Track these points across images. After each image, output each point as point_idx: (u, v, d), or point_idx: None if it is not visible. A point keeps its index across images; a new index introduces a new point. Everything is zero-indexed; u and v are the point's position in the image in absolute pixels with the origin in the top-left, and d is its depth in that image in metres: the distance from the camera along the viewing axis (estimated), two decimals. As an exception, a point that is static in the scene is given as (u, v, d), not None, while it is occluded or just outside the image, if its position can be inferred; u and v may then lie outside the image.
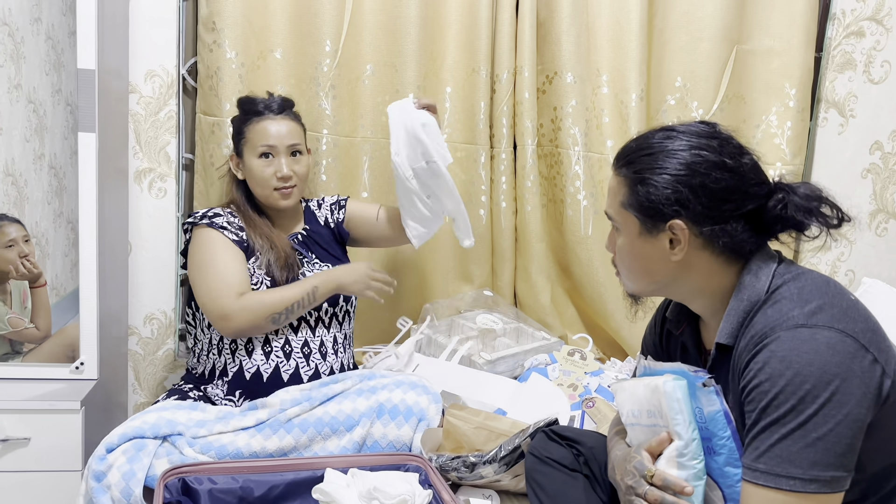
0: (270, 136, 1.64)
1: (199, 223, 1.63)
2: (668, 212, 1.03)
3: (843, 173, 2.24)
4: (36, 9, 1.72)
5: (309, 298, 1.56)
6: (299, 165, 1.67)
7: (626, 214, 1.09)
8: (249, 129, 1.66)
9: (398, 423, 1.51)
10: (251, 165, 1.65)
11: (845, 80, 2.19)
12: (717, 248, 1.05)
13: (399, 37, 1.96)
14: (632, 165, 1.08)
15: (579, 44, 2.03)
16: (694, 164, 1.03)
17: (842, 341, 0.93)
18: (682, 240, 1.04)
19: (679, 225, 1.04)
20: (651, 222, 1.06)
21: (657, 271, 1.09)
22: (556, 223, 2.17)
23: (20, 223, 1.72)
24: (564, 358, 1.88)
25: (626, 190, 1.08)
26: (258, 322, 1.54)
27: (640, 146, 1.08)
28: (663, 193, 1.03)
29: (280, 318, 1.54)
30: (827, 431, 0.90)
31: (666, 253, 1.06)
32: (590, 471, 1.26)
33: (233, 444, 1.43)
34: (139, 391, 2.03)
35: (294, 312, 1.56)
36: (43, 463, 1.56)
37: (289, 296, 1.55)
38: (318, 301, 1.59)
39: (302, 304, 1.56)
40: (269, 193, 1.65)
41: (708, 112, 2.11)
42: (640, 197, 1.05)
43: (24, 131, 1.73)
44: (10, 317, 1.71)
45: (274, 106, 1.67)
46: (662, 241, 1.06)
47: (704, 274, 1.07)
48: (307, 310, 1.59)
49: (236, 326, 1.53)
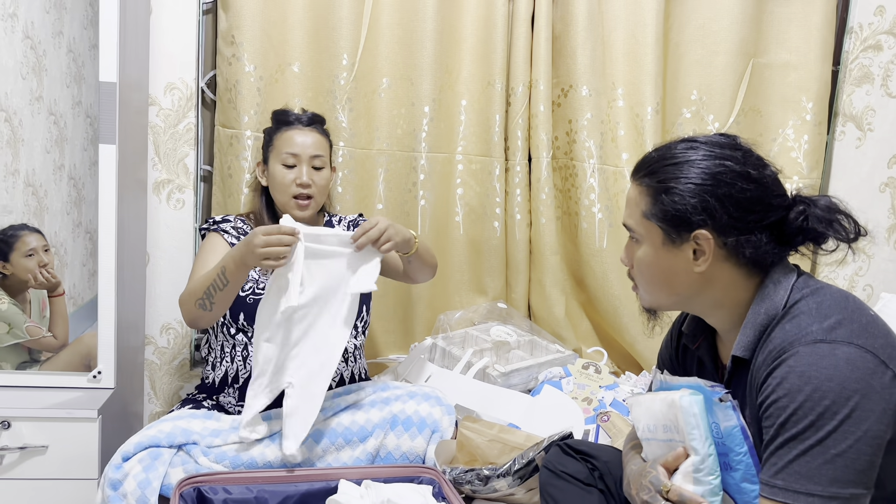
0: (295, 144, 1.68)
1: (210, 228, 1.70)
2: (694, 221, 1.03)
3: (860, 187, 2.22)
4: (58, 22, 1.75)
5: (221, 280, 1.48)
6: (319, 177, 1.69)
7: (649, 225, 1.08)
8: (277, 137, 1.71)
9: (412, 434, 1.51)
10: (274, 171, 1.69)
11: (863, 93, 2.18)
12: (739, 259, 1.04)
13: (415, 50, 1.98)
14: (655, 175, 1.07)
15: (594, 57, 2.03)
16: (719, 175, 1.02)
17: (861, 357, 0.92)
18: (706, 250, 1.04)
19: (704, 235, 1.03)
20: (675, 232, 1.05)
21: (679, 283, 1.08)
22: (570, 236, 2.17)
23: (40, 233, 1.74)
24: (579, 371, 1.87)
25: (648, 200, 1.07)
26: (192, 311, 1.53)
27: (663, 156, 1.08)
28: (689, 202, 1.02)
29: (205, 304, 1.50)
30: (846, 448, 0.89)
31: (689, 264, 1.06)
32: (605, 485, 1.25)
33: (247, 454, 1.43)
34: (155, 400, 2.05)
35: (213, 296, 1.49)
36: (60, 471, 1.57)
37: (203, 280, 1.51)
38: (232, 281, 1.46)
39: (216, 285, 1.48)
40: (287, 200, 1.67)
41: (724, 125, 2.10)
42: (665, 206, 1.04)
43: (45, 142, 1.76)
44: (28, 325, 1.72)
45: (304, 119, 1.73)
46: (686, 252, 1.05)
47: (725, 286, 1.06)
48: (229, 292, 1.49)
49: (188, 321, 1.57)
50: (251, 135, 1.91)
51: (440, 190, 2.09)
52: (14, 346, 1.72)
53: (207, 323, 1.57)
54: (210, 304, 1.50)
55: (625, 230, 1.15)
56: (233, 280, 1.47)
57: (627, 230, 1.14)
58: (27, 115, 1.72)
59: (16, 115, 1.71)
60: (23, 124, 1.72)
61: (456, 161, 2.08)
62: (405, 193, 2.06)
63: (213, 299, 1.50)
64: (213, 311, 1.52)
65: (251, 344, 1.58)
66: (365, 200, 2.04)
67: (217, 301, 1.50)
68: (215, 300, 1.50)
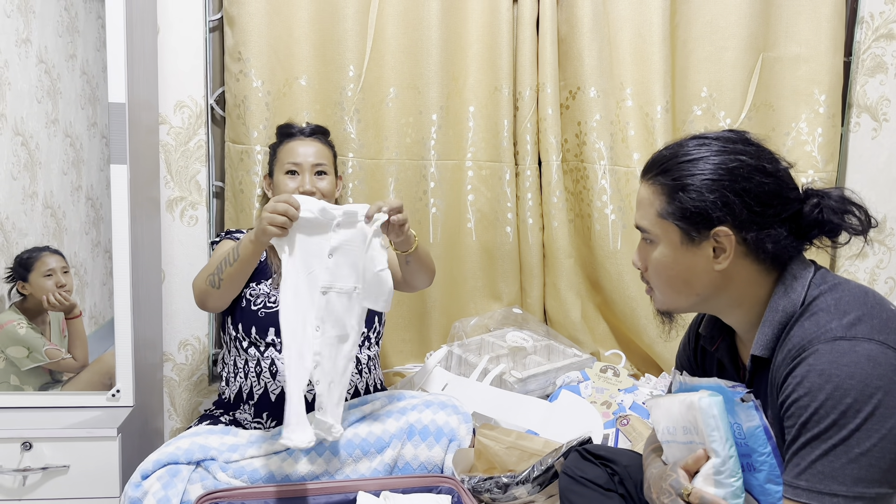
0: (297, 154, 1.71)
1: (222, 237, 1.74)
2: (714, 217, 1.01)
3: (878, 178, 2.19)
4: (71, 45, 1.78)
5: (232, 254, 1.51)
6: (323, 182, 1.71)
7: (665, 225, 1.06)
8: (281, 149, 1.76)
9: (429, 443, 1.50)
10: (278, 182, 1.72)
11: (876, 83, 2.14)
12: (759, 255, 1.03)
13: (421, 59, 1.98)
14: (668, 173, 1.05)
15: (601, 58, 2.02)
16: (735, 169, 1.01)
17: (883, 353, 0.90)
18: (727, 247, 1.02)
19: (725, 231, 1.01)
20: (695, 230, 1.03)
21: (698, 283, 1.06)
22: (584, 238, 2.15)
23: (60, 254, 1.76)
24: (597, 375, 1.85)
25: (663, 199, 1.05)
26: (201, 287, 1.56)
27: (675, 154, 1.06)
28: (708, 199, 1.01)
29: (214, 280, 1.54)
30: (871, 447, 0.87)
31: (709, 262, 1.04)
32: (625, 490, 1.23)
33: (265, 468, 1.43)
34: (175, 417, 2.06)
35: (223, 271, 1.52)
36: (82, 490, 1.58)
37: (216, 258, 1.59)
38: (243, 256, 1.48)
39: (227, 260, 1.52)
40: None
41: (736, 121, 2.08)
42: (683, 204, 1.02)
43: (62, 164, 1.78)
44: (47, 348, 1.74)
45: (306, 130, 1.78)
46: (705, 251, 1.03)
47: (744, 284, 1.05)
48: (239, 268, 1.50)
49: (197, 301, 1.59)
50: (261, 150, 1.92)
51: (451, 197, 2.08)
52: (35, 368, 1.73)
53: (215, 304, 1.57)
54: (219, 281, 1.52)
55: (639, 231, 1.13)
56: (243, 255, 1.48)
57: (641, 232, 1.11)
58: (44, 137, 1.75)
59: (32, 138, 1.74)
60: (39, 147, 1.74)
61: (466, 168, 2.07)
62: (416, 202, 2.06)
63: (221, 275, 1.52)
64: (220, 290, 1.53)
65: (264, 359, 1.59)
66: (376, 210, 2.04)
67: (226, 278, 1.52)
68: (224, 276, 1.52)
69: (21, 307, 1.73)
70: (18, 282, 1.73)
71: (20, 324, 1.72)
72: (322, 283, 1.43)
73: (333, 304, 1.44)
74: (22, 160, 1.73)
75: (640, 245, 1.14)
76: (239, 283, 1.55)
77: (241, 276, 1.53)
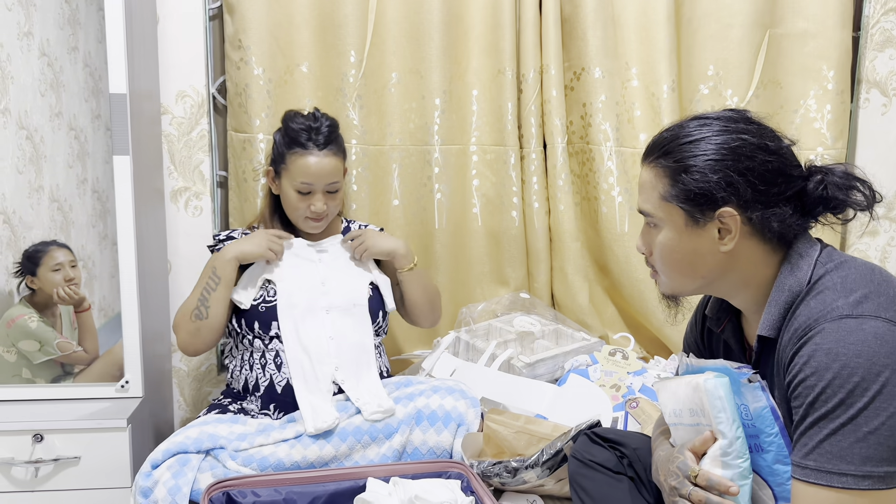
0: (311, 174, 1.60)
1: (214, 248, 1.69)
2: (718, 198, 1.00)
3: (888, 155, 2.15)
4: (73, 38, 1.77)
5: (213, 281, 1.54)
6: (334, 202, 1.68)
7: (669, 207, 1.04)
8: (291, 159, 1.62)
9: (437, 429, 1.50)
10: (287, 193, 1.66)
11: (886, 58, 2.10)
12: (765, 235, 1.02)
13: (423, 43, 1.96)
14: (670, 155, 1.04)
15: (606, 38, 2.00)
16: (738, 148, 1.00)
17: (890, 331, 0.89)
18: (731, 228, 1.01)
19: (729, 212, 1.00)
20: (699, 212, 1.02)
21: (703, 266, 1.05)
22: (591, 221, 2.14)
23: (68, 248, 1.77)
24: (606, 358, 1.85)
25: (666, 181, 1.04)
26: (187, 328, 1.58)
27: (676, 136, 1.05)
28: (712, 179, 0.99)
29: (202, 313, 1.56)
30: (879, 425, 0.86)
31: (714, 244, 1.03)
32: (634, 473, 1.23)
33: (274, 456, 1.44)
34: (184, 407, 2.07)
35: (208, 300, 1.56)
36: (93, 481, 1.60)
37: (196, 291, 1.60)
38: (225, 276, 1.55)
39: (209, 287, 1.55)
40: (299, 219, 1.67)
41: (743, 100, 2.05)
42: (687, 185, 1.01)
43: (67, 157, 1.78)
44: (59, 341, 1.75)
45: (320, 139, 1.62)
46: (710, 232, 1.02)
47: (750, 264, 1.04)
48: (223, 291, 1.56)
49: (182, 347, 1.62)
50: (263, 138, 1.92)
51: (456, 182, 2.07)
52: (47, 361, 1.75)
53: (205, 338, 1.59)
54: (206, 309, 1.55)
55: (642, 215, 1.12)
56: (225, 274, 1.56)
57: (644, 216, 1.10)
58: (48, 131, 1.75)
59: (37, 131, 1.74)
60: (44, 140, 1.75)
61: (470, 152, 2.06)
62: (420, 188, 2.05)
63: (208, 302, 1.55)
64: (210, 319, 1.56)
65: (269, 351, 1.60)
66: (380, 197, 2.04)
67: (212, 304, 1.56)
68: (211, 302, 1.55)
69: (31, 301, 1.74)
70: (27, 276, 1.74)
71: (31, 318, 1.73)
72: (323, 306, 1.61)
73: (338, 321, 1.61)
74: (27, 154, 1.73)
75: (643, 229, 1.13)
76: (226, 306, 1.59)
77: (227, 299, 1.59)
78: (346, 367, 1.58)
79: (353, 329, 1.62)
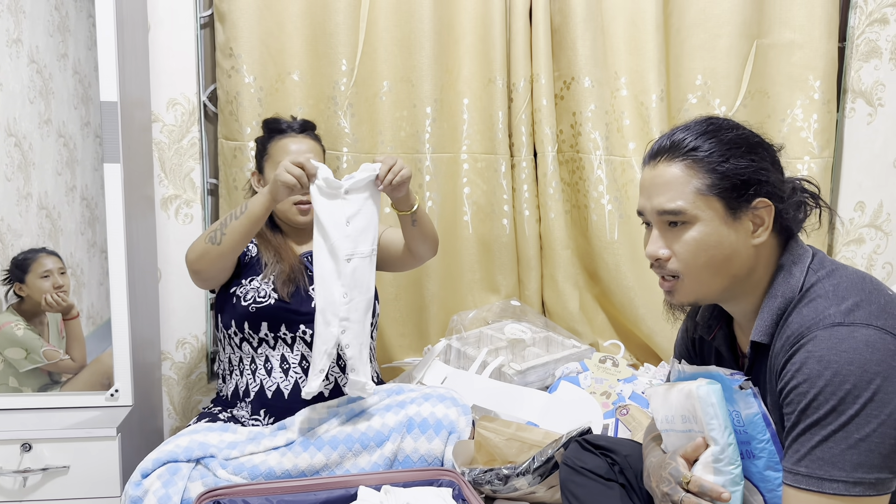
0: (291, 151, 1.66)
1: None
2: (755, 187, 1.01)
3: (874, 164, 2.18)
4: (62, 45, 1.76)
5: (241, 208, 1.50)
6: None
7: (708, 200, 1.02)
8: (272, 145, 1.69)
9: (428, 436, 1.50)
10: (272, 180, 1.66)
11: (871, 68, 2.14)
12: (780, 230, 1.05)
13: (414, 52, 1.97)
14: (700, 149, 1.02)
15: (595, 48, 2.01)
16: (757, 145, 1.04)
17: (881, 339, 0.90)
18: (765, 219, 1.02)
19: (765, 202, 1.02)
20: (737, 203, 1.01)
21: (737, 261, 1.03)
22: (581, 229, 2.15)
23: (57, 255, 1.76)
24: (596, 365, 1.85)
25: (703, 174, 1.02)
26: (197, 248, 1.52)
27: (704, 130, 1.04)
28: (752, 167, 1.01)
29: (216, 237, 1.51)
30: (870, 432, 0.87)
31: (747, 238, 1.03)
32: (625, 479, 1.23)
33: (265, 464, 1.43)
34: (174, 415, 2.06)
35: (227, 226, 1.50)
36: (82, 490, 1.58)
37: (220, 220, 1.55)
38: (253, 212, 1.49)
39: (234, 214, 1.50)
40: (288, 208, 1.66)
41: (731, 109, 2.08)
42: (728, 175, 1.01)
43: (56, 165, 1.77)
44: (45, 349, 1.74)
45: (296, 126, 1.71)
46: (745, 225, 1.03)
47: (762, 265, 1.05)
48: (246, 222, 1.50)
49: (190, 265, 1.55)
50: (254, 146, 1.91)
51: (447, 190, 2.08)
52: (34, 370, 1.73)
53: (210, 267, 1.53)
54: (220, 237, 1.50)
55: (636, 220, 1.12)
56: (252, 209, 1.49)
57: (667, 216, 1.04)
58: (37, 138, 1.74)
59: (25, 139, 1.73)
60: (33, 148, 1.74)
61: (461, 160, 2.07)
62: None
63: (225, 229, 1.50)
64: (221, 245, 1.50)
65: (258, 355, 1.59)
66: (372, 205, 2.03)
67: (229, 232, 1.49)
68: (227, 231, 1.50)
69: (18, 309, 1.73)
70: (15, 283, 1.73)
71: (18, 325, 1.72)
72: (345, 252, 1.48)
73: (358, 270, 1.50)
74: (16, 161, 1.72)
75: (657, 233, 1.06)
76: (241, 241, 1.51)
77: (245, 233, 1.50)
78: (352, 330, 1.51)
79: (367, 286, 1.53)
